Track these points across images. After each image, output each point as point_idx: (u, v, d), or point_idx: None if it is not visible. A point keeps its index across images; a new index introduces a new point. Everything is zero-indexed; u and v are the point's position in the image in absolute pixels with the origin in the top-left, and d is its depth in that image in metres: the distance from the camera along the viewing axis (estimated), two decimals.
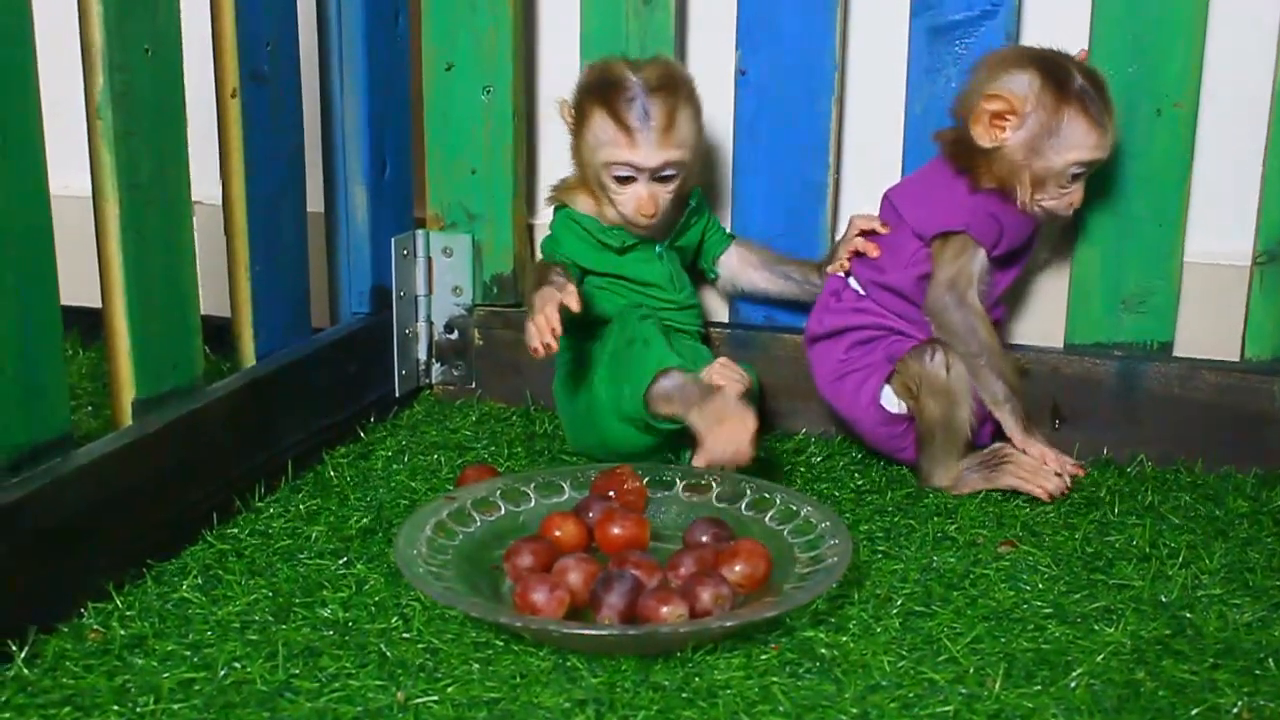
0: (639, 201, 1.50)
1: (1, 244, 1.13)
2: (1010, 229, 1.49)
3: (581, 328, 1.52)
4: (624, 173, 1.49)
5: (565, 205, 1.58)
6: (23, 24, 1.14)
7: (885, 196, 1.56)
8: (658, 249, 1.56)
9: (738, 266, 1.65)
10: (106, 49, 1.24)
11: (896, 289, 1.51)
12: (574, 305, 1.40)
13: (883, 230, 1.53)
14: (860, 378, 1.51)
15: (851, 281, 1.54)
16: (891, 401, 1.49)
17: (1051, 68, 1.44)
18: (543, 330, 1.39)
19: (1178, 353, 1.59)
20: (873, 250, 1.53)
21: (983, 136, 1.45)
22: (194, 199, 1.37)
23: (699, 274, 1.66)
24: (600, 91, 1.50)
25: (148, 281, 1.30)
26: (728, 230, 1.66)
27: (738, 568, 1.21)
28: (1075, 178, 1.46)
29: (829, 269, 1.57)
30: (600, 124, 1.49)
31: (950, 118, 1.52)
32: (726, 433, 1.37)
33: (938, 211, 1.49)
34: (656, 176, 1.49)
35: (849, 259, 1.55)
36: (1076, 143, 1.43)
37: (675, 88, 1.50)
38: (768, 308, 1.68)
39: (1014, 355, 1.55)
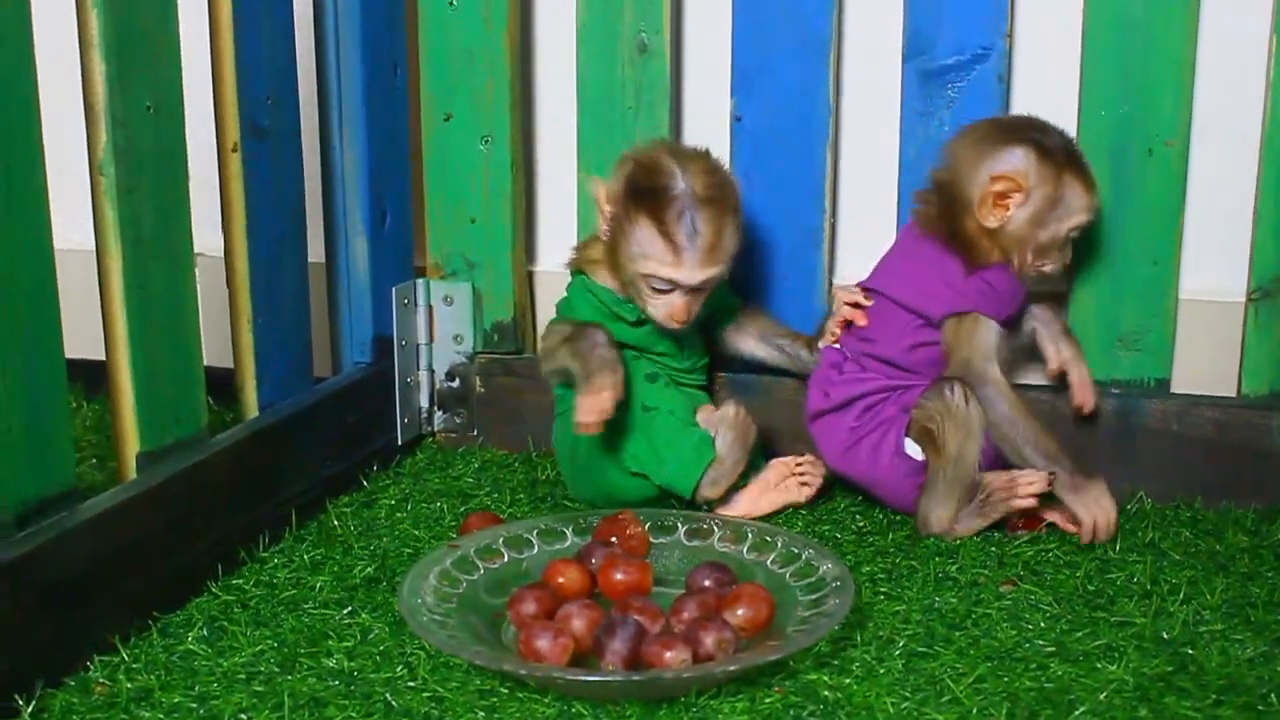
0: (673, 310, 1.49)
1: (6, 298, 1.14)
2: (1010, 297, 1.50)
3: None
4: (664, 286, 1.49)
5: (582, 272, 1.58)
6: (27, 82, 1.15)
7: (861, 287, 1.56)
8: None
9: (736, 336, 1.66)
10: (109, 106, 1.25)
11: (888, 359, 1.52)
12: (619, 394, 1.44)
13: (866, 302, 1.54)
14: (877, 436, 1.51)
15: (846, 353, 1.55)
16: (915, 450, 1.49)
17: (1038, 138, 1.46)
18: (601, 412, 1.42)
19: (1175, 389, 1.60)
20: (860, 318, 1.53)
21: (989, 218, 1.47)
22: (197, 251, 1.38)
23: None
24: (649, 200, 1.47)
25: (151, 335, 1.32)
26: (735, 298, 1.67)
27: (740, 612, 1.21)
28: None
29: (820, 343, 1.58)
30: (646, 235, 1.47)
31: (937, 191, 1.52)
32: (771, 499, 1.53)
33: (941, 293, 1.50)
34: (693, 289, 1.50)
35: (839, 329, 1.55)
36: (1078, 207, 1.47)
37: (724, 199, 1.49)
38: None
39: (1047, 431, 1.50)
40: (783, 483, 1.54)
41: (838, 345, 1.55)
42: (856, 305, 1.54)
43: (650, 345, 1.57)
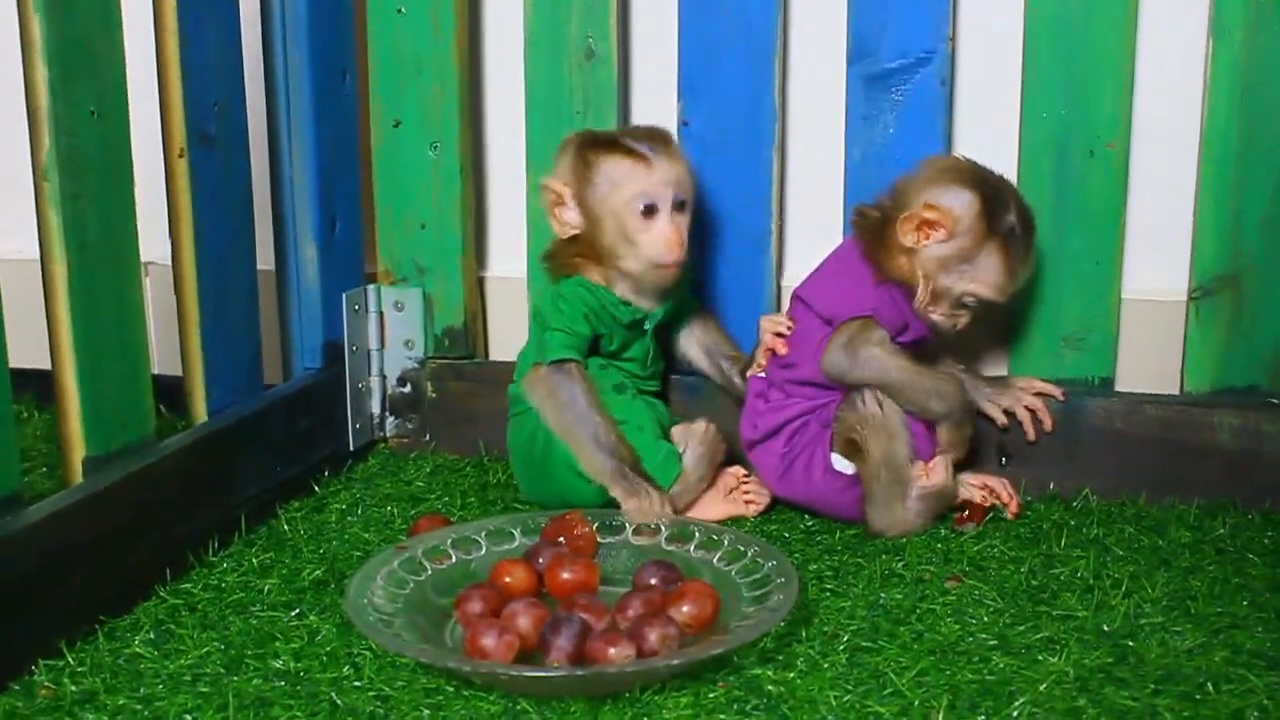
0: (665, 237, 1.49)
1: None
2: (904, 318, 1.51)
3: None
4: (647, 202, 1.49)
5: (576, 274, 1.55)
6: None
7: (794, 294, 1.57)
8: (648, 325, 1.57)
9: (687, 342, 1.67)
10: (52, 112, 1.26)
11: (809, 380, 1.53)
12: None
13: (788, 330, 1.55)
14: (805, 457, 1.52)
15: (771, 382, 1.56)
16: (843, 464, 1.51)
17: (993, 198, 1.47)
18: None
19: (1119, 388, 1.62)
20: (781, 347, 1.54)
21: (907, 235, 1.48)
22: (148, 259, 1.38)
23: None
24: (602, 140, 1.52)
25: (97, 340, 1.32)
26: (694, 300, 1.67)
27: (685, 608, 1.22)
28: (967, 307, 1.51)
29: (749, 373, 1.59)
30: (611, 164, 1.50)
31: (879, 204, 1.54)
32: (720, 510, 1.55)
33: (848, 298, 1.52)
34: (675, 205, 1.50)
35: (765, 360, 1.56)
36: (984, 280, 1.48)
37: (666, 132, 1.55)
38: None
39: (937, 372, 1.56)
40: (730, 495, 1.55)
41: (763, 374, 1.57)
42: (779, 335, 1.55)
43: (625, 350, 1.57)
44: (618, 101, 1.67)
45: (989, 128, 1.63)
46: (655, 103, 1.70)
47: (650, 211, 1.50)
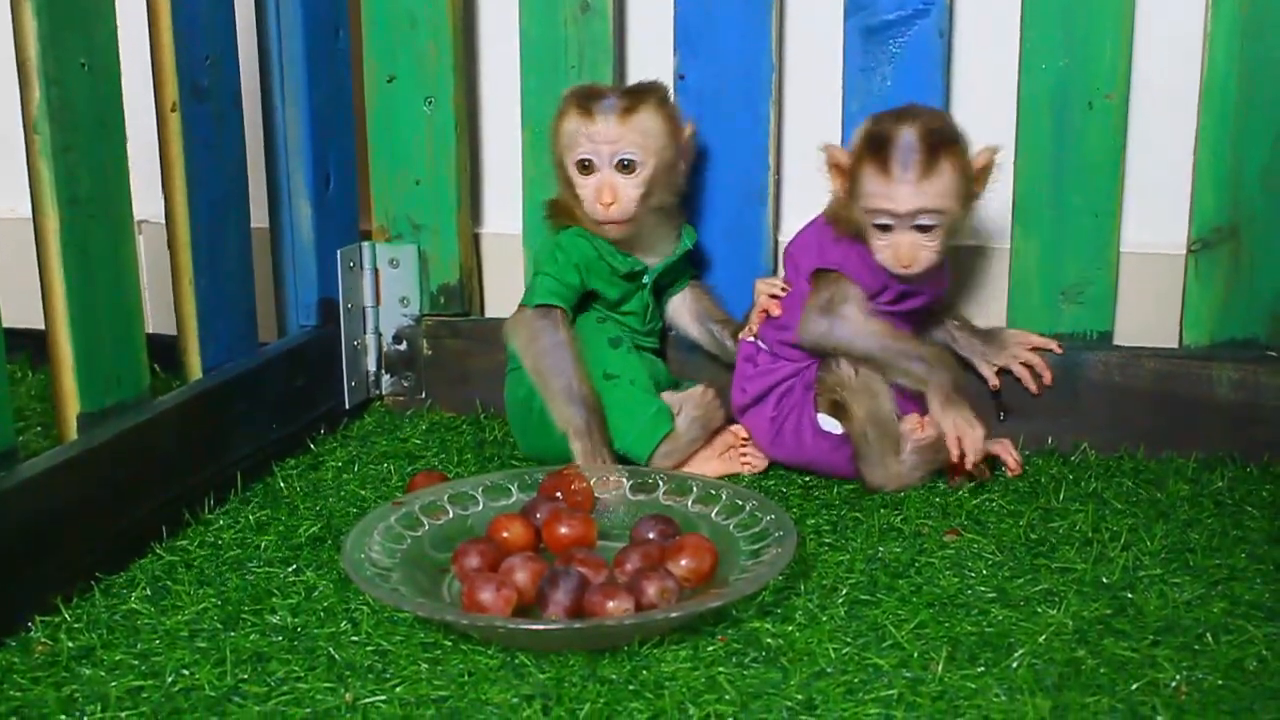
0: (598, 194, 1.50)
1: None
2: (872, 271, 1.48)
3: None
4: (582, 157, 1.51)
5: (576, 224, 1.56)
6: None
7: (786, 251, 1.57)
8: (646, 279, 1.57)
9: (678, 310, 1.66)
10: (42, 63, 1.24)
11: (798, 343, 1.52)
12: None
13: (783, 291, 1.54)
14: (794, 418, 1.51)
15: (761, 344, 1.55)
16: (831, 424, 1.50)
17: (874, 123, 1.45)
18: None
19: (1118, 341, 1.62)
20: (775, 309, 1.54)
21: (829, 184, 1.49)
22: (142, 218, 1.37)
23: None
24: (571, 96, 1.54)
25: (90, 295, 1.31)
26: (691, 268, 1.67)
27: (683, 562, 1.22)
28: (883, 228, 1.45)
29: (741, 335, 1.58)
30: (566, 119, 1.53)
31: None
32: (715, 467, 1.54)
33: (813, 252, 1.51)
34: (620, 164, 1.50)
35: (758, 322, 1.56)
36: (870, 191, 1.44)
37: (638, 90, 1.54)
38: None
39: (919, 339, 1.53)
40: (727, 453, 1.55)
41: (753, 339, 1.56)
42: (774, 297, 1.55)
43: (624, 303, 1.57)
44: (613, 55, 1.66)
45: (988, 80, 1.62)
46: (651, 56, 1.68)
47: (586, 168, 1.50)
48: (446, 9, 1.67)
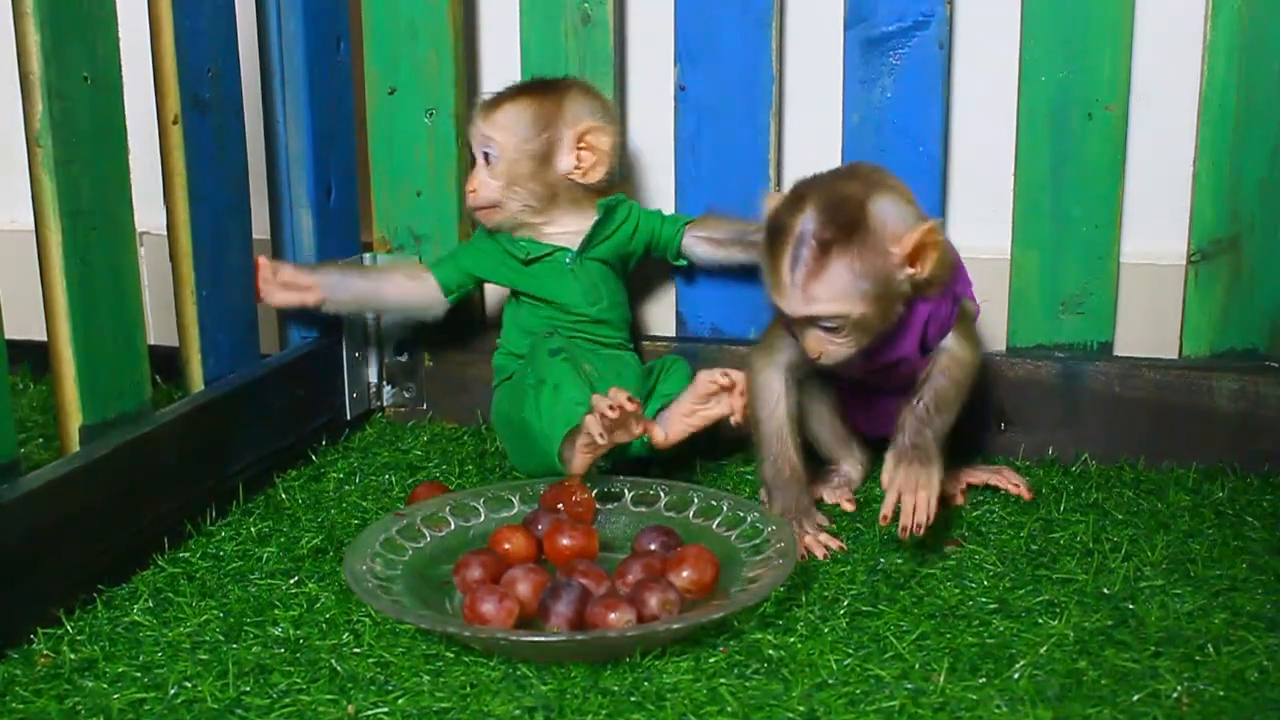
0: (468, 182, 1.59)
1: None
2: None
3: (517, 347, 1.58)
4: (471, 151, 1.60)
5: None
6: None
7: None
8: (568, 259, 1.58)
9: (701, 248, 1.64)
10: (45, 76, 1.24)
11: None
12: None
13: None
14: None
15: None
16: None
17: (779, 206, 1.32)
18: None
19: (1118, 352, 1.62)
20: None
21: None
22: (144, 229, 1.37)
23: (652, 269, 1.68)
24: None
25: (92, 307, 1.31)
26: (676, 214, 1.66)
27: (685, 573, 1.22)
28: (796, 324, 1.33)
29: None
30: None
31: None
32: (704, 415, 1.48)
33: None
34: (482, 155, 1.58)
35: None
36: (767, 282, 1.32)
37: (515, 88, 1.60)
38: (713, 317, 1.69)
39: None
40: (710, 397, 1.48)
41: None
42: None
43: (544, 291, 1.57)
44: (614, 67, 1.66)
45: (987, 90, 1.62)
46: (652, 68, 1.69)
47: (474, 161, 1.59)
48: (447, 20, 1.67)
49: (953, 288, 1.38)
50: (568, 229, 1.58)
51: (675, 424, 1.49)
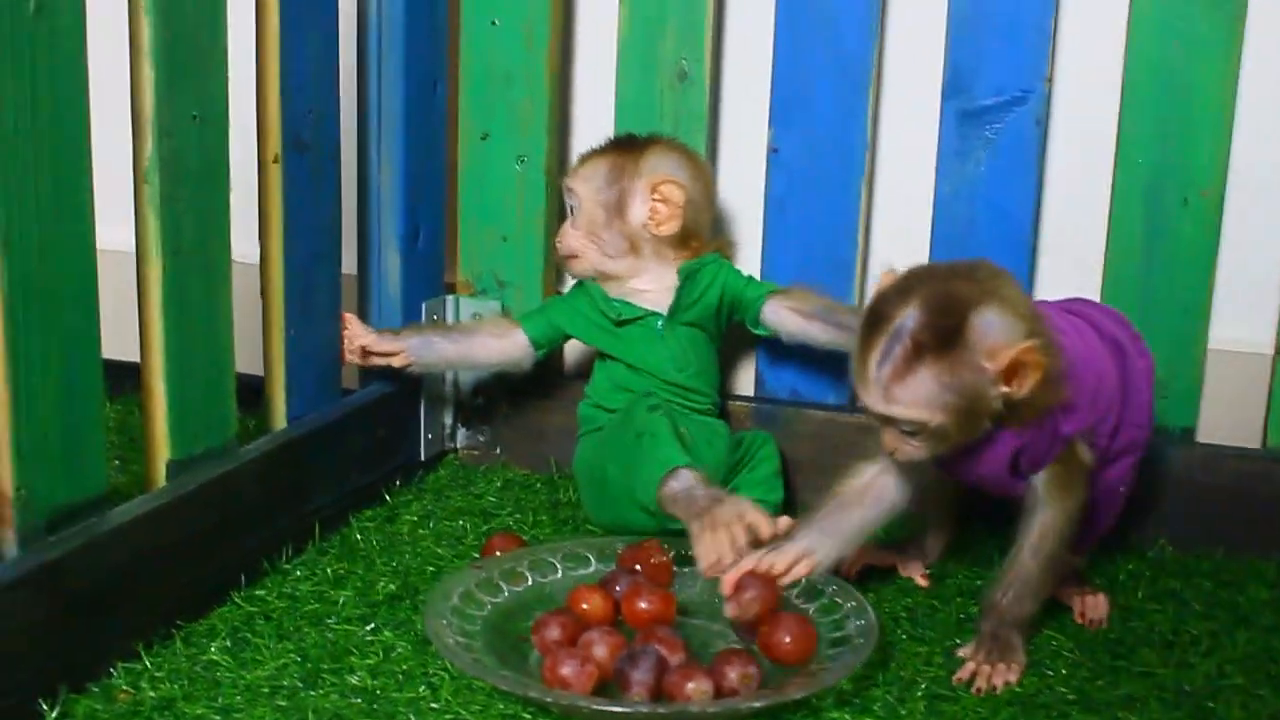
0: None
1: (50, 305, 1.15)
2: None
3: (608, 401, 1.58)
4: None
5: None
6: (79, 88, 1.16)
7: None
8: (659, 324, 1.58)
9: (783, 319, 1.60)
10: (156, 115, 1.26)
11: None
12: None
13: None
14: None
15: None
16: None
17: (886, 293, 1.24)
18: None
19: (1201, 439, 1.60)
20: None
21: None
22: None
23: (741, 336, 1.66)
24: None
25: (186, 344, 1.32)
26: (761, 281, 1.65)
27: (786, 639, 1.21)
28: (883, 422, 1.26)
29: None
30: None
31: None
32: (712, 541, 1.34)
33: None
34: (570, 209, 1.61)
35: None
36: (852, 368, 1.26)
37: (608, 144, 1.62)
38: (793, 380, 1.69)
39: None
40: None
41: None
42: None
43: (634, 357, 1.57)
44: (707, 125, 1.67)
45: (1082, 169, 1.61)
46: (745, 127, 1.69)
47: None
48: (544, 69, 1.68)
49: (1057, 421, 1.27)
50: (656, 285, 1.59)
51: None
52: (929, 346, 1.20)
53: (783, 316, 1.60)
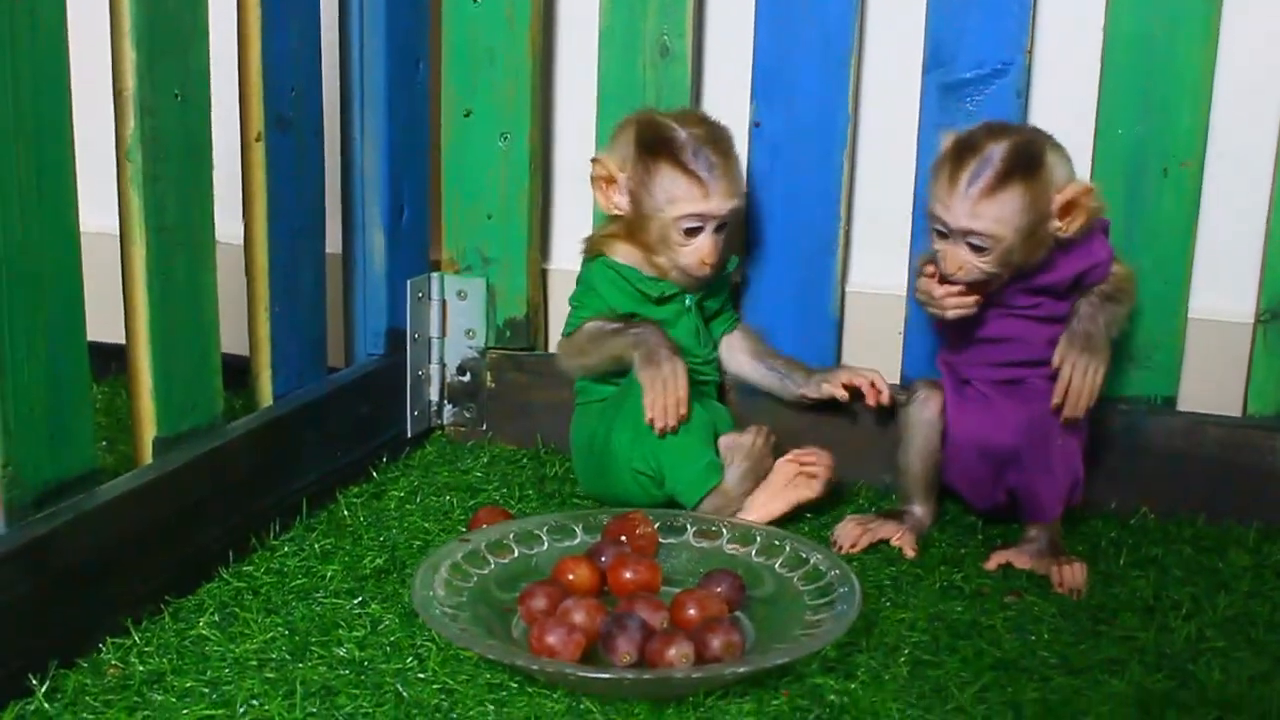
0: (703, 252, 1.53)
1: (35, 285, 1.15)
2: None
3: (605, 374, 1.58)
4: (694, 224, 1.52)
5: (602, 254, 1.60)
6: (60, 70, 1.16)
7: None
8: (688, 301, 1.59)
9: (731, 351, 1.66)
10: (138, 93, 1.26)
11: None
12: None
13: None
14: None
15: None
16: None
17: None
18: (671, 414, 1.49)
19: (1181, 407, 1.61)
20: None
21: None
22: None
23: None
24: (665, 148, 1.52)
25: (171, 322, 1.33)
26: (735, 312, 1.69)
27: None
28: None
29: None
30: (670, 180, 1.52)
31: None
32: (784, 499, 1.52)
33: None
34: (718, 226, 1.53)
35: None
36: (932, 194, 1.43)
37: (726, 138, 1.56)
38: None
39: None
40: (791, 482, 1.54)
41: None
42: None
43: (671, 329, 1.58)
44: (690, 100, 1.67)
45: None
46: (728, 103, 1.69)
47: (694, 231, 1.52)
48: (526, 47, 1.69)
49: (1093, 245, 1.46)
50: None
51: (758, 513, 1.50)
52: (1018, 170, 1.38)
53: (729, 347, 1.67)
